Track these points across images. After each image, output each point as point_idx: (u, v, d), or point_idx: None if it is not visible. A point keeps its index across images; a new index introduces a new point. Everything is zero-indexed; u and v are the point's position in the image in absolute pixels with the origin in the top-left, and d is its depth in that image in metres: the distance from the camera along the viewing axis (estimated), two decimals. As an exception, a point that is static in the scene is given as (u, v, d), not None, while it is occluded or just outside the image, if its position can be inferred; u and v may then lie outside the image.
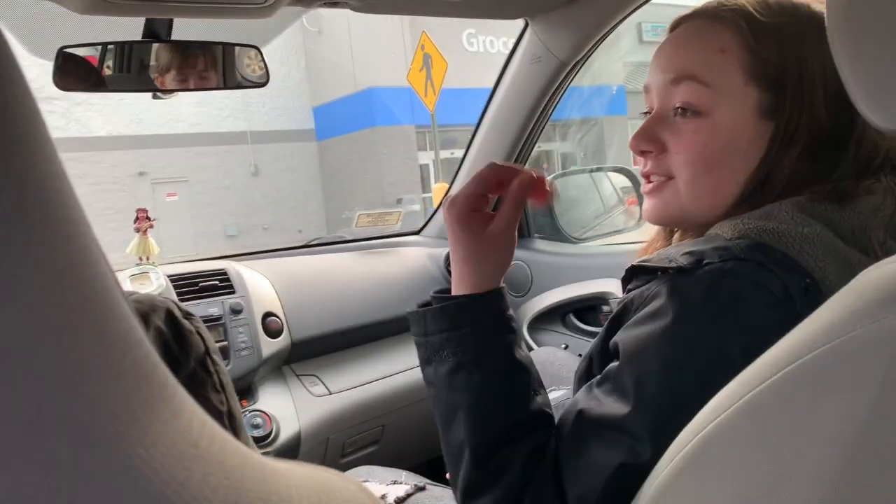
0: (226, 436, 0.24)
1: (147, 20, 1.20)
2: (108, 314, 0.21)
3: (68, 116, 12.32)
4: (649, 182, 0.76)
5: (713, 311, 0.59)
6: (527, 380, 0.71)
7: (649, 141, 0.73)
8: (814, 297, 0.57)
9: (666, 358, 0.59)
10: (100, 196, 12.34)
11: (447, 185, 2.12)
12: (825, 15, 0.46)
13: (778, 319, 0.54)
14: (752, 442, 0.42)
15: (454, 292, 0.74)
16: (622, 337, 0.64)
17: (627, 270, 0.71)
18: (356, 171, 14.55)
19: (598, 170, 2.50)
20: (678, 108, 0.71)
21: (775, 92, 0.67)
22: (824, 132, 0.67)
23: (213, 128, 14.40)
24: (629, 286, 0.70)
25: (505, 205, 0.74)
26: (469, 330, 0.70)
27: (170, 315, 1.00)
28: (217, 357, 1.02)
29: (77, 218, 0.21)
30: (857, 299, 0.40)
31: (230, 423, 0.99)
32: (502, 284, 0.75)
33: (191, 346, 0.99)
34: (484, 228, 0.73)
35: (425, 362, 0.73)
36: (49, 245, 0.20)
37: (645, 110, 0.77)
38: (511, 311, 0.74)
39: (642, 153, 0.75)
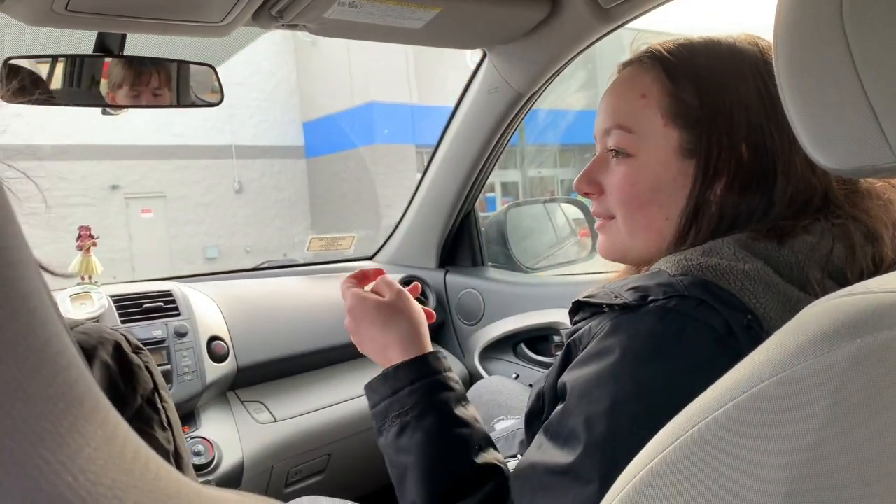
0: (161, 463, 0.23)
1: (99, 34, 1.17)
2: (37, 333, 0.20)
3: (33, 122, 10.60)
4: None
5: (657, 349, 0.60)
6: (468, 434, 0.73)
7: (589, 183, 0.79)
8: (756, 333, 0.59)
9: (613, 397, 0.60)
10: (68, 210, 10.98)
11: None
12: (773, 57, 0.47)
13: (721, 356, 0.55)
14: (697, 476, 0.42)
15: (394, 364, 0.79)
16: (569, 377, 0.65)
17: (573, 304, 0.73)
18: (349, 192, 13.72)
19: (552, 201, 2.53)
20: (612, 150, 0.76)
21: (695, 131, 0.71)
22: (746, 168, 0.69)
23: (195, 140, 13.01)
24: (575, 318, 0.72)
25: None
26: (407, 391, 0.74)
27: (118, 349, 0.96)
28: (165, 393, 0.99)
29: (5, 231, 0.20)
30: (800, 334, 0.41)
31: (176, 461, 0.96)
32: (438, 349, 0.80)
33: (138, 382, 0.95)
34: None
35: (378, 433, 0.76)
36: None
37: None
38: (450, 372, 0.77)
39: (586, 194, 0.80)
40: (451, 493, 0.69)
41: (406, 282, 1.89)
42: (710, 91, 0.70)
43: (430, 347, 0.80)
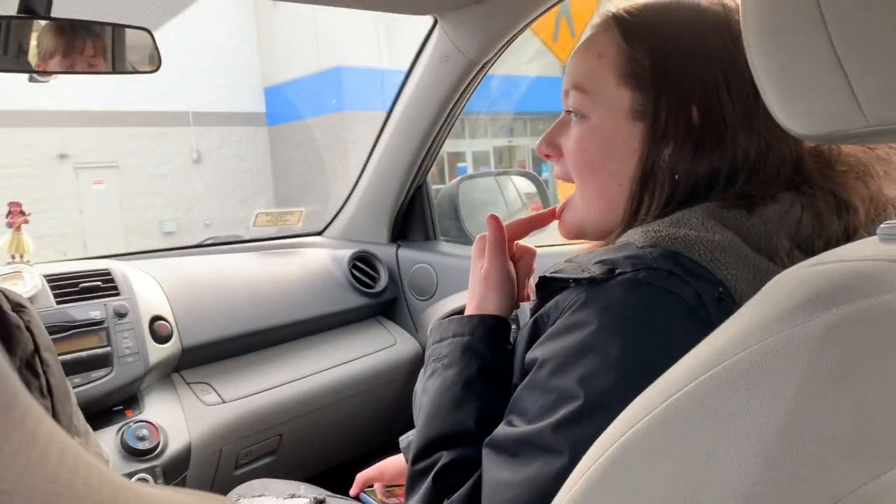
0: (93, 465, 0.20)
1: (22, -6, 1.09)
2: None
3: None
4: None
5: (629, 321, 0.59)
6: (475, 400, 0.73)
7: (548, 146, 0.79)
8: (727, 305, 0.58)
9: (584, 370, 0.59)
10: (10, 182, 10.25)
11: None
12: (741, 18, 0.45)
13: (692, 328, 0.54)
14: (669, 451, 0.41)
15: None
16: (539, 352, 0.63)
17: (538, 280, 0.71)
18: (315, 162, 13.08)
19: (505, 174, 2.53)
20: (569, 111, 0.75)
21: (646, 92, 0.70)
22: (696, 132, 0.68)
23: (149, 105, 12.01)
24: (541, 294, 0.70)
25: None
26: (448, 342, 0.78)
27: None
28: (49, 356, 0.93)
29: None
30: (771, 305, 0.40)
31: None
32: (508, 317, 0.81)
33: (17, 343, 0.90)
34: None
35: (422, 371, 0.82)
36: None
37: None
38: (494, 338, 0.77)
39: (546, 156, 0.79)
40: (440, 442, 0.72)
41: (359, 257, 1.85)
42: (662, 52, 0.69)
43: (493, 311, 0.80)
